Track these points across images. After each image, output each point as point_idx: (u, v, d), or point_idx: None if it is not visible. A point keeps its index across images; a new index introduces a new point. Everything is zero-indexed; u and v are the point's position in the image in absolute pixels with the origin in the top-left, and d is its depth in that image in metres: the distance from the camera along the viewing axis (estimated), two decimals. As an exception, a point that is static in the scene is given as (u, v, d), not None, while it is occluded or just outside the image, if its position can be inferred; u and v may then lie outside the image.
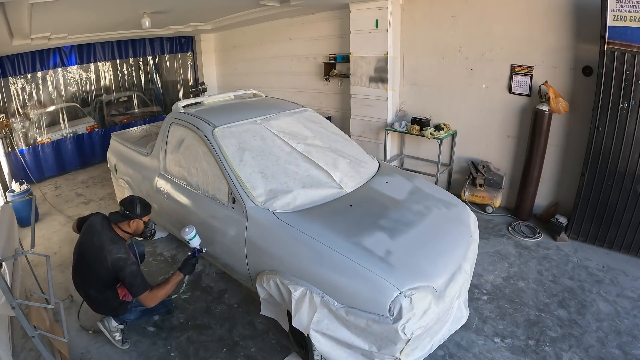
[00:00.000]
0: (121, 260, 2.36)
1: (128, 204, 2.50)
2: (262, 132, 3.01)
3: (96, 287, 2.48)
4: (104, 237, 2.43)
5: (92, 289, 2.50)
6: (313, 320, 2.05)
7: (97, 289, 2.49)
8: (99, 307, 2.60)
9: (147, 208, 2.57)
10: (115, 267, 2.36)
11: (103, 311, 2.62)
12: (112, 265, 2.36)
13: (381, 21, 4.56)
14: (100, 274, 2.42)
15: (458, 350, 2.54)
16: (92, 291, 2.50)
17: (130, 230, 2.52)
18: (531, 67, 3.90)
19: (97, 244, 2.41)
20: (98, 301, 2.55)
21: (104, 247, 2.38)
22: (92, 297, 2.54)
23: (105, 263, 2.36)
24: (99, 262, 2.38)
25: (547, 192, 4.14)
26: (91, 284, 2.49)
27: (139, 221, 2.51)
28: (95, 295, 2.51)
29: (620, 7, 2.99)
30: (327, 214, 2.46)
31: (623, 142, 3.25)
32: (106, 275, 2.41)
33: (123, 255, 2.38)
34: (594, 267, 3.33)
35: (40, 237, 4.19)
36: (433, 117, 4.71)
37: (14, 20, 3.45)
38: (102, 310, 2.61)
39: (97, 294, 2.50)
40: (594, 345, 2.53)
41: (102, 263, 2.37)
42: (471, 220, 2.71)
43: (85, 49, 6.35)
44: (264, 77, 6.73)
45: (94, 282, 2.46)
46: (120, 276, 2.38)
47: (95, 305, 2.60)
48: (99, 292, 2.50)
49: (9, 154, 5.53)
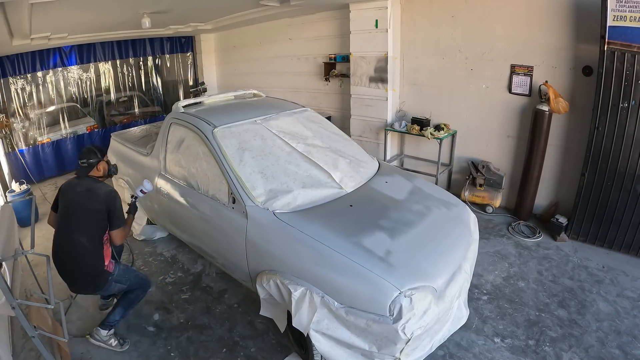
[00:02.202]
0: (114, 192, 2.51)
1: (88, 153, 2.57)
2: (262, 132, 3.01)
3: (93, 234, 2.44)
4: (86, 182, 2.51)
5: (85, 235, 2.42)
6: (313, 320, 2.05)
7: (90, 234, 2.43)
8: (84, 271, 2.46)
9: (102, 150, 2.67)
10: (108, 198, 2.45)
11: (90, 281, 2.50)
12: (105, 197, 2.44)
13: (381, 21, 4.56)
14: (97, 215, 2.43)
15: (458, 350, 2.54)
16: (84, 238, 2.42)
17: (100, 173, 2.61)
18: (531, 67, 3.90)
19: (84, 189, 2.47)
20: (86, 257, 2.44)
21: (92, 187, 2.48)
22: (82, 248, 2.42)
23: (98, 198, 2.43)
24: (91, 200, 2.43)
25: (547, 192, 4.14)
26: (87, 231, 2.43)
27: (104, 162, 2.62)
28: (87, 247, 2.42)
29: (620, 7, 2.99)
30: (327, 214, 2.46)
31: (623, 142, 3.25)
32: (102, 212, 2.42)
33: (111, 188, 2.53)
34: (594, 267, 3.33)
35: (40, 237, 4.18)
36: (433, 117, 4.71)
37: (14, 20, 3.45)
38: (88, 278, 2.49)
39: (87, 242, 2.42)
40: (594, 345, 2.53)
41: (95, 200, 2.43)
42: (471, 220, 2.71)
43: (85, 49, 6.34)
44: (264, 77, 6.73)
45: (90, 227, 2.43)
46: (112, 208, 2.44)
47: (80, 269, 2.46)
48: (91, 238, 2.43)
49: (9, 154, 5.52)
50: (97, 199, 2.43)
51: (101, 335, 2.64)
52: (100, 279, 2.51)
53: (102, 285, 2.53)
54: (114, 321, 2.68)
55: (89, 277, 2.50)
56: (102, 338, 2.64)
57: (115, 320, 2.68)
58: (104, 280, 2.52)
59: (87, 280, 2.50)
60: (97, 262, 2.47)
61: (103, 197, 2.44)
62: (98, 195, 2.44)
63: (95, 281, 2.51)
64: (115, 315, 2.68)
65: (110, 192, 2.49)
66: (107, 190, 2.49)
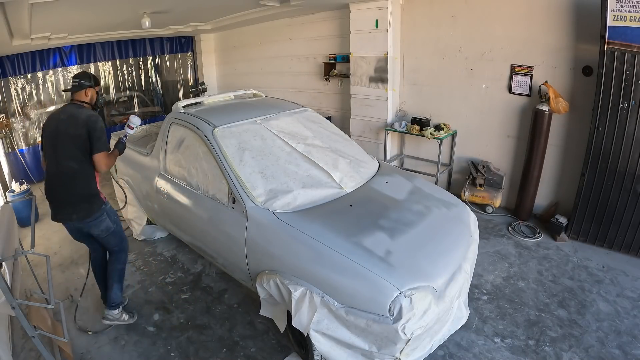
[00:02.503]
0: (94, 116, 2.52)
1: (83, 75, 2.64)
2: (262, 132, 3.01)
3: (77, 158, 2.48)
4: (70, 108, 2.56)
5: (73, 161, 2.48)
6: (313, 320, 2.05)
7: (79, 159, 2.48)
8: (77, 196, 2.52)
9: (97, 79, 2.72)
10: (88, 122, 2.46)
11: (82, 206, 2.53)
12: (85, 120, 2.45)
13: (381, 21, 4.56)
14: (79, 140, 2.45)
15: (458, 350, 2.54)
16: (74, 164, 2.48)
17: (87, 99, 2.62)
18: (531, 67, 3.90)
19: (66, 115, 2.51)
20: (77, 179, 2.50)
21: (74, 112, 2.51)
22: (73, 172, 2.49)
23: (78, 122, 2.46)
24: (76, 125, 2.46)
25: (547, 192, 4.14)
26: (72, 156, 2.48)
27: (93, 90, 2.63)
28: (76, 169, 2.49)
29: (620, 7, 2.99)
30: (327, 214, 2.46)
31: (623, 142, 3.25)
32: (82, 136, 2.45)
33: (93, 113, 2.55)
34: (594, 267, 3.33)
35: (40, 237, 4.19)
36: (433, 117, 4.71)
37: (14, 20, 3.45)
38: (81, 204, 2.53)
39: (77, 165, 2.48)
40: (594, 345, 2.53)
41: (75, 124, 2.46)
42: (471, 220, 2.71)
43: (85, 49, 6.34)
44: (264, 77, 6.73)
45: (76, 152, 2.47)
46: (91, 130, 2.45)
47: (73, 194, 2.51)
48: (80, 163, 2.49)
49: (9, 154, 5.52)
50: (78, 124, 2.46)
51: (113, 315, 2.79)
52: (94, 201, 2.57)
53: (96, 209, 2.57)
54: (118, 298, 2.81)
55: (84, 199, 2.54)
56: (115, 316, 2.80)
57: (118, 298, 2.81)
58: (98, 205, 2.58)
59: (81, 203, 2.53)
60: (90, 183, 2.55)
61: (83, 121, 2.46)
62: (78, 120, 2.46)
63: (90, 204, 2.56)
64: (116, 294, 2.79)
65: (90, 115, 2.50)
66: (88, 114, 2.50)
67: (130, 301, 3.13)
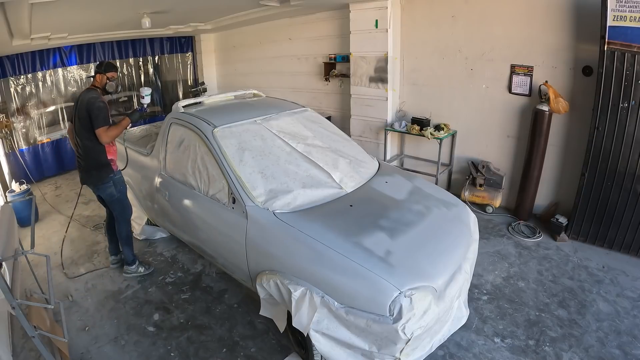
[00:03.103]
0: (93, 98, 2.92)
1: (100, 64, 3.12)
2: (262, 132, 3.01)
3: (86, 135, 2.96)
4: (83, 93, 3.04)
5: (83, 138, 2.98)
6: (313, 320, 2.05)
7: (87, 136, 2.96)
8: (89, 165, 3.05)
9: (111, 66, 3.13)
10: (88, 104, 2.89)
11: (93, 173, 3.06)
12: (87, 104, 2.89)
13: (381, 21, 4.56)
14: (84, 120, 2.93)
15: (458, 350, 2.54)
16: (85, 140, 2.98)
17: (97, 84, 3.06)
18: (531, 67, 3.90)
19: (79, 99, 3.02)
20: (89, 152, 3.01)
21: (83, 97, 2.99)
22: (85, 147, 3.00)
23: (82, 105, 2.92)
24: (81, 108, 2.93)
25: (547, 192, 4.14)
26: (82, 134, 2.97)
27: (102, 75, 3.05)
28: (87, 144, 2.99)
29: (620, 7, 2.99)
30: (327, 214, 2.46)
31: (623, 142, 3.25)
32: (85, 119, 2.92)
33: (94, 95, 2.96)
34: (594, 267, 3.33)
35: (40, 237, 4.19)
36: (433, 117, 4.71)
37: (14, 20, 3.45)
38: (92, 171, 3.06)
39: (88, 141, 2.98)
40: (594, 345, 2.53)
41: (81, 108, 2.93)
42: (471, 220, 2.71)
43: (85, 49, 6.34)
44: (264, 77, 6.73)
45: (83, 130, 2.96)
46: (90, 111, 2.87)
47: (87, 163, 3.05)
48: (89, 139, 2.97)
49: (9, 154, 5.52)
50: (82, 107, 2.92)
51: (131, 269, 3.39)
52: (103, 170, 3.06)
53: (104, 176, 3.08)
54: (129, 257, 3.36)
55: (95, 167, 3.06)
56: (132, 270, 3.39)
57: (129, 256, 3.36)
58: (107, 173, 3.08)
59: (93, 170, 3.07)
60: (99, 156, 3.03)
61: (85, 104, 2.90)
62: (83, 104, 2.92)
63: (99, 171, 3.06)
64: (127, 254, 3.36)
65: (90, 98, 2.91)
66: (88, 97, 2.92)
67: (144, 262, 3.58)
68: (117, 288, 3.32)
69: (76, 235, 4.28)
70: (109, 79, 3.09)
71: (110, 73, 3.09)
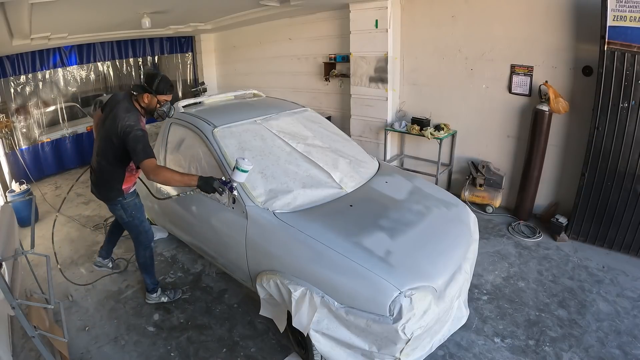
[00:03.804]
0: (129, 127, 2.42)
1: (150, 76, 2.54)
2: (262, 132, 3.01)
3: (107, 158, 2.62)
4: (121, 106, 2.53)
5: (104, 159, 2.63)
6: (313, 320, 2.05)
7: (108, 159, 2.62)
8: (100, 183, 2.74)
9: (167, 87, 2.56)
10: (124, 132, 2.42)
11: (101, 191, 2.77)
12: (121, 130, 2.43)
13: (381, 21, 4.56)
14: (112, 142, 2.52)
15: (458, 350, 2.54)
16: (104, 161, 2.64)
17: (144, 104, 2.56)
18: (531, 67, 3.90)
19: (114, 113, 2.52)
20: (104, 173, 2.68)
21: (118, 115, 2.48)
22: (101, 167, 2.66)
23: (116, 129, 2.45)
24: (113, 128, 2.48)
25: (547, 192, 4.14)
26: (104, 153, 2.61)
27: (152, 97, 2.52)
28: (105, 165, 2.64)
29: (620, 7, 2.99)
30: (327, 214, 2.46)
31: (623, 142, 3.25)
32: (117, 143, 2.49)
33: (132, 122, 2.44)
34: (594, 267, 3.33)
35: (40, 237, 4.18)
36: (433, 117, 4.71)
37: (14, 20, 3.45)
38: (101, 189, 2.76)
39: (106, 164, 2.63)
40: (594, 345, 2.53)
41: (114, 129, 2.47)
42: (471, 220, 2.71)
43: (85, 49, 6.34)
44: (264, 77, 6.73)
45: (109, 150, 2.57)
46: (126, 141, 2.41)
47: (98, 180, 2.74)
48: (109, 162, 2.62)
49: (9, 154, 5.52)
50: (113, 130, 2.48)
51: (152, 297, 3.07)
52: (111, 194, 2.74)
53: (112, 199, 2.76)
54: (150, 285, 3.04)
55: (103, 190, 2.76)
56: (153, 299, 3.08)
57: (149, 285, 3.04)
58: (114, 197, 2.75)
59: (102, 188, 2.77)
60: (112, 184, 2.70)
61: (117, 131, 2.45)
62: (115, 127, 2.46)
63: (107, 194, 2.76)
64: (147, 282, 3.04)
65: (125, 127, 2.41)
66: (124, 124, 2.42)
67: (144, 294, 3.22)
68: (117, 288, 3.32)
69: (76, 235, 4.28)
70: (160, 102, 2.55)
71: (165, 97, 2.54)
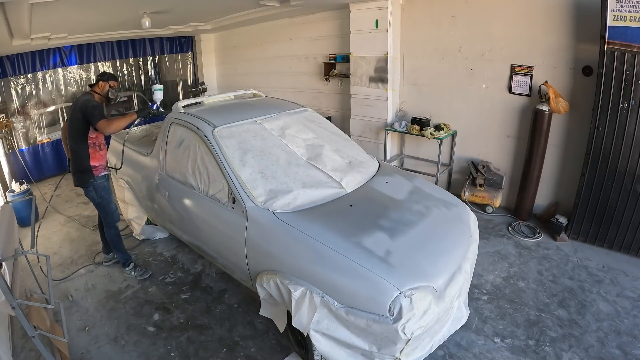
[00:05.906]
0: (87, 101, 2.99)
1: (101, 73, 3.24)
2: (262, 132, 3.01)
3: (75, 138, 3.05)
4: (82, 96, 3.11)
5: (72, 140, 3.06)
6: (313, 320, 2.05)
7: (75, 139, 3.05)
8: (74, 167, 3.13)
9: (113, 77, 3.25)
10: (82, 106, 2.96)
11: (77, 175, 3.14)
12: (80, 107, 2.97)
13: (381, 21, 4.56)
14: (76, 122, 3.00)
15: (458, 350, 2.54)
16: (72, 142, 3.07)
17: (99, 90, 3.15)
18: (531, 67, 3.90)
19: (76, 101, 3.11)
20: (74, 154, 3.09)
21: (79, 99, 3.07)
22: (72, 149, 3.09)
23: (76, 108, 3.00)
24: (75, 111, 3.02)
25: (547, 192, 4.14)
26: (72, 136, 3.06)
27: (104, 83, 3.16)
28: (74, 147, 3.07)
29: (620, 7, 2.99)
30: (327, 214, 2.46)
31: (623, 142, 3.25)
32: (79, 120, 2.98)
33: (88, 98, 3.04)
34: (594, 267, 3.33)
35: (40, 237, 4.19)
36: (433, 117, 4.71)
37: (14, 20, 3.45)
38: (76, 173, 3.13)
39: (75, 145, 3.06)
40: (594, 345, 2.53)
41: (75, 110, 3.01)
42: (471, 220, 2.71)
43: (85, 49, 6.35)
44: (264, 77, 6.73)
45: (73, 132, 3.04)
46: (84, 111, 2.94)
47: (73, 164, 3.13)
48: (76, 142, 3.05)
49: (9, 154, 5.52)
50: (76, 108, 3.01)
51: (126, 271, 3.45)
52: (84, 176, 3.13)
53: (84, 182, 3.15)
54: (122, 259, 3.44)
55: (78, 171, 3.14)
56: (128, 273, 3.44)
57: (122, 259, 3.44)
58: (87, 178, 3.13)
59: (77, 173, 3.15)
60: (83, 161, 3.09)
61: (79, 106, 2.98)
62: (77, 105, 3.01)
63: (82, 175, 3.14)
64: (120, 257, 3.43)
65: (85, 101, 2.98)
66: (84, 99, 3.00)
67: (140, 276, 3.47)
68: (117, 288, 3.32)
69: (76, 235, 4.28)
70: (111, 87, 3.21)
71: (112, 82, 3.22)
